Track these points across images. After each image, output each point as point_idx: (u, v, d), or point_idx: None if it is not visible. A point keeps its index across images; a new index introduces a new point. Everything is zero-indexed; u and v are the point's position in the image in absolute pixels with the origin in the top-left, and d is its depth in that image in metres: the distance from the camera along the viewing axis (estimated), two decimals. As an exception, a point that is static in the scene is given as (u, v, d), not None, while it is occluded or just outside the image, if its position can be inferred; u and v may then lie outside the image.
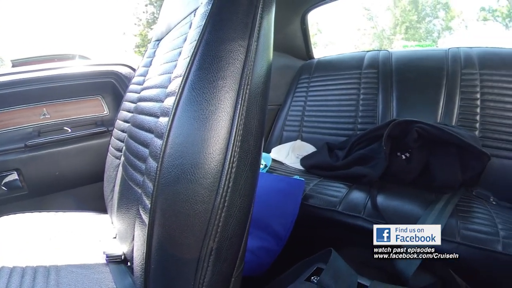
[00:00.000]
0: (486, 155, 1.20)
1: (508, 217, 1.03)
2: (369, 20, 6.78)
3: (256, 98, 0.55)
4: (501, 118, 1.37)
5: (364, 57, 1.82)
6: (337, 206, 1.10)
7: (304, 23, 2.04)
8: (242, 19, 0.54)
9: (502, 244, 0.88)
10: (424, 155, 1.27)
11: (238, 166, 0.52)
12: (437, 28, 6.53)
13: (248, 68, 0.54)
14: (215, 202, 0.51)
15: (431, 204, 1.06)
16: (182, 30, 0.74)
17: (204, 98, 0.52)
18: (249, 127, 0.53)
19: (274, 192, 1.09)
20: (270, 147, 1.79)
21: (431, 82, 1.56)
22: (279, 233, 1.00)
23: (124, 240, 0.78)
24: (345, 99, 1.74)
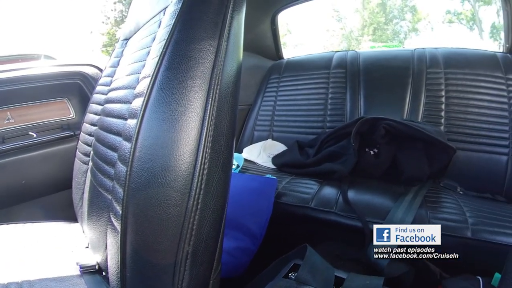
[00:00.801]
0: (451, 148, 1.25)
1: (475, 205, 1.08)
2: (338, 21, 6.94)
3: (227, 98, 0.54)
4: (465, 114, 1.44)
5: (332, 57, 1.85)
6: (309, 202, 1.11)
7: (274, 24, 2.05)
8: (212, 19, 0.53)
9: (471, 230, 0.92)
10: (392, 150, 1.31)
11: (210, 167, 0.51)
12: (404, 30, 6.77)
13: (218, 68, 0.52)
14: (188, 205, 0.49)
15: (401, 196, 1.09)
16: (151, 29, 0.71)
17: (173, 99, 0.50)
18: (220, 128, 0.52)
19: (247, 192, 1.08)
20: (242, 147, 1.79)
21: (398, 81, 1.61)
22: (255, 232, 1.00)
23: (97, 249, 0.75)
24: (314, 98, 1.76)
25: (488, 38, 5.09)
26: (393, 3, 6.73)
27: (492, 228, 0.93)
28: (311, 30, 6.50)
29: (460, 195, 1.23)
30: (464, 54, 1.59)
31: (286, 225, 1.16)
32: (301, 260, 0.77)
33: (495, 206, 1.13)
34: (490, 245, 0.89)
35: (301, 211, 1.10)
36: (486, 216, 0.99)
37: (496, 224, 0.94)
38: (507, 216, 0.99)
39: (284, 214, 1.11)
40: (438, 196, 1.15)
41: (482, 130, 1.41)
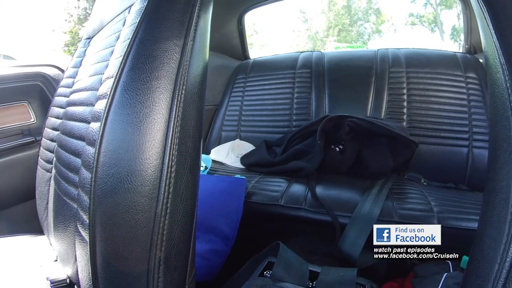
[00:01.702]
0: (414, 142, 1.31)
1: (439, 195, 1.12)
2: (304, 22, 7.02)
3: (193, 99, 0.52)
4: (427, 110, 1.51)
5: (298, 57, 1.87)
6: (279, 200, 1.11)
7: (241, 24, 2.05)
8: (178, 18, 0.51)
9: (437, 218, 0.96)
10: (356, 146, 1.34)
11: (177, 170, 0.49)
12: (368, 31, 6.96)
13: (183, 68, 0.51)
14: (157, 210, 0.47)
15: (367, 190, 1.12)
16: (115, 27, 0.68)
17: (138, 100, 0.47)
18: (186, 129, 0.50)
19: (217, 193, 1.06)
20: (209, 148, 1.76)
21: (361, 80, 1.65)
22: (227, 234, 0.98)
23: (67, 261, 0.71)
24: (280, 98, 1.77)
25: (448, 40, 5.36)
26: (358, 5, 6.93)
27: (457, 215, 0.97)
28: (278, 31, 6.59)
29: (424, 186, 1.28)
30: (425, 54, 1.67)
31: (258, 224, 1.16)
32: (274, 257, 0.77)
33: (458, 194, 1.19)
34: (456, 231, 0.93)
35: (272, 209, 1.10)
36: (450, 204, 1.04)
37: (460, 211, 0.98)
38: (470, 203, 1.04)
39: (255, 213, 1.10)
40: (403, 188, 1.19)
41: (443, 125, 1.47)
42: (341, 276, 0.73)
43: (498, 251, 0.42)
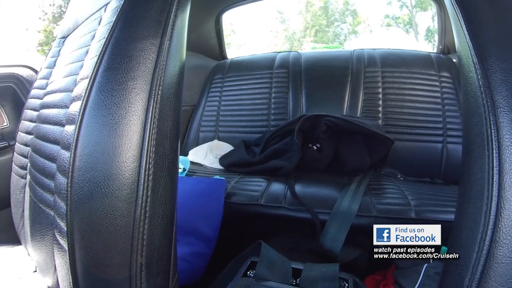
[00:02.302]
0: (389, 139, 1.34)
1: (416, 189, 1.16)
2: (281, 23, 7.06)
3: (169, 99, 0.51)
4: (402, 108, 1.55)
5: (275, 57, 1.87)
6: (259, 199, 1.11)
7: (218, 23, 2.03)
8: (155, 17, 0.50)
9: (415, 211, 0.99)
10: (334, 144, 1.36)
11: (155, 172, 0.48)
12: (344, 32, 7.07)
13: (160, 68, 0.50)
14: (136, 214, 0.46)
15: (345, 186, 1.14)
16: (91, 26, 0.66)
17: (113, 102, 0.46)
18: (163, 130, 0.50)
19: (196, 195, 1.05)
20: (187, 149, 1.73)
21: (337, 80, 1.68)
22: (208, 235, 0.97)
23: (46, 272, 0.67)
24: (258, 98, 1.77)
25: (423, 41, 5.54)
26: (335, 7, 7.03)
27: (434, 207, 1.00)
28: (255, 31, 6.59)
29: (401, 181, 1.31)
30: (400, 54, 1.72)
31: (239, 224, 1.15)
32: (257, 257, 0.76)
33: (434, 188, 1.23)
34: (433, 223, 0.94)
35: (252, 209, 1.09)
36: (427, 197, 1.07)
37: (437, 204, 1.02)
38: (446, 196, 1.08)
39: (235, 214, 1.09)
40: (380, 183, 1.22)
41: (417, 122, 1.52)
42: (324, 272, 0.73)
43: (475, 240, 0.44)
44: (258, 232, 1.15)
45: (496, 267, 0.41)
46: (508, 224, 0.41)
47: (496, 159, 0.43)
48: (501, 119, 0.44)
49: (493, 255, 0.42)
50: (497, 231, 0.42)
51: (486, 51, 0.47)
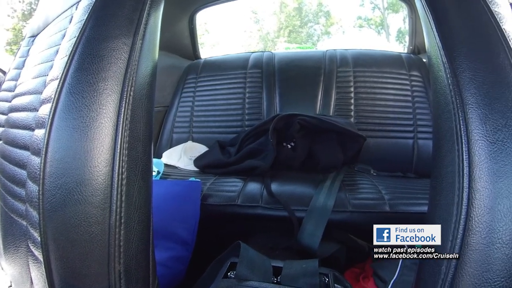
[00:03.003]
0: (362, 137, 1.38)
1: (389, 184, 1.19)
2: (255, 23, 7.05)
3: (142, 101, 0.49)
4: (373, 106, 1.60)
5: (249, 57, 1.87)
6: (236, 200, 1.10)
7: (192, 23, 2.01)
8: (128, 15, 0.48)
9: (389, 205, 1.02)
10: (308, 143, 1.37)
11: (128, 176, 0.46)
12: (317, 33, 7.16)
13: (132, 68, 0.48)
14: (111, 220, 0.44)
15: (320, 183, 1.15)
16: (61, 25, 0.63)
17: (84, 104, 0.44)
18: (136, 133, 0.48)
19: (172, 198, 1.02)
20: (161, 151, 1.69)
21: (310, 80, 1.70)
22: (185, 239, 0.95)
23: (22, 286, 0.63)
24: (232, 98, 1.76)
25: (394, 41, 5.70)
26: (309, 8, 7.12)
27: (407, 200, 1.04)
28: (229, 31, 6.54)
29: (374, 176, 1.35)
30: (371, 54, 1.77)
31: (216, 225, 1.14)
32: (236, 257, 0.76)
33: (407, 182, 1.28)
34: (407, 215, 1.00)
35: (229, 209, 1.09)
36: (400, 191, 1.11)
37: (410, 197, 1.06)
38: (418, 189, 1.13)
39: (212, 215, 1.08)
40: (354, 179, 1.25)
41: (389, 119, 1.57)
42: (304, 268, 0.74)
43: (448, 230, 0.45)
44: (236, 232, 1.14)
45: (470, 254, 0.43)
46: (480, 213, 0.43)
47: (465, 152, 0.45)
48: (470, 115, 0.46)
49: (467, 243, 0.43)
50: (469, 220, 0.43)
51: (455, 52, 0.49)
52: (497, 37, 0.48)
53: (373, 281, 0.94)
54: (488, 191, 0.43)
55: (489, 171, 0.43)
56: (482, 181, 0.43)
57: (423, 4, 0.54)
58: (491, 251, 0.42)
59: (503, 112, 0.44)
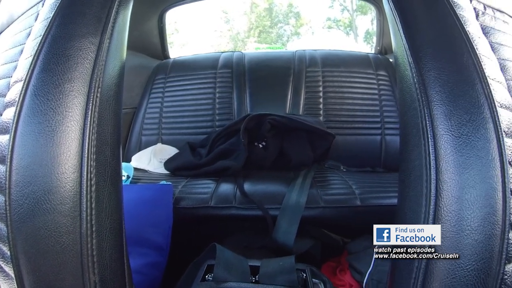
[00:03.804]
0: (331, 134, 1.41)
1: (359, 179, 1.22)
2: (226, 23, 6.96)
3: (109, 102, 0.48)
4: (341, 105, 1.63)
5: (219, 57, 1.85)
6: (209, 202, 1.08)
7: (162, 22, 1.95)
8: (96, 13, 0.46)
9: (360, 199, 1.06)
10: (278, 142, 1.39)
11: (97, 182, 0.45)
12: (287, 33, 7.20)
13: (99, 69, 0.46)
14: (82, 229, 0.42)
15: (292, 181, 1.16)
16: (27, 22, 0.59)
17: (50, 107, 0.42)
18: (104, 136, 0.46)
19: (143, 203, 0.99)
20: (130, 155, 1.63)
21: (280, 80, 1.71)
22: (160, 244, 0.92)
23: None
24: (202, 98, 1.73)
25: (362, 42, 5.85)
26: (279, 8, 7.14)
27: (377, 194, 1.08)
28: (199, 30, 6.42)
29: (344, 172, 1.38)
30: (340, 55, 1.81)
31: (190, 228, 1.12)
32: (213, 259, 0.75)
33: (376, 176, 1.33)
34: (378, 208, 1.04)
35: (203, 211, 1.07)
36: (370, 185, 1.14)
37: (380, 190, 1.09)
38: (387, 183, 1.17)
39: (186, 219, 1.06)
40: (325, 176, 1.27)
41: (357, 117, 1.61)
42: (281, 266, 0.75)
43: (419, 220, 0.47)
44: (211, 234, 1.13)
45: (442, 241, 0.45)
46: (447, 203, 0.45)
47: (432, 147, 0.47)
48: (435, 112, 0.48)
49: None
50: (438, 210, 0.45)
51: (421, 52, 0.51)
52: (462, 39, 0.50)
53: (350, 274, 0.96)
54: (455, 182, 0.45)
55: (455, 163, 0.45)
56: (448, 173, 0.45)
57: (391, 7, 0.56)
58: (461, 237, 0.44)
59: (467, 108, 0.46)
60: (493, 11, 0.60)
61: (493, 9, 0.60)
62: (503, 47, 0.55)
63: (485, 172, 0.44)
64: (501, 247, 0.43)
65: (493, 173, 0.44)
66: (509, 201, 0.44)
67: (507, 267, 0.44)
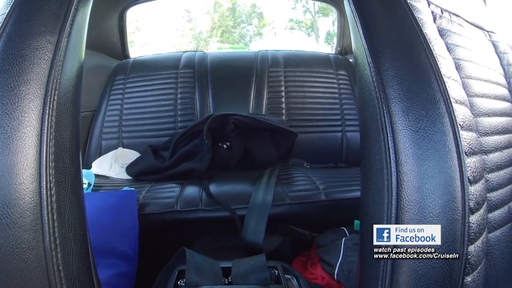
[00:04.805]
0: (293, 133, 1.44)
1: (322, 174, 1.26)
2: (188, 22, 6.77)
3: (66, 105, 0.45)
4: (303, 104, 1.66)
5: (181, 57, 1.80)
6: (175, 206, 1.06)
7: (122, 20, 1.87)
8: (54, 10, 0.43)
9: (324, 194, 1.09)
10: (242, 142, 1.39)
11: (58, 192, 0.42)
12: (250, 33, 7.16)
13: (56, 69, 0.43)
14: (45, 243, 0.39)
15: (257, 180, 1.16)
16: None
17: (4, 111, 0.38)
18: (62, 142, 0.44)
19: (107, 211, 0.94)
20: (90, 161, 1.53)
21: (243, 80, 1.71)
22: (127, 253, 0.88)
23: None
24: (163, 99, 1.68)
25: (323, 43, 5.95)
26: (242, 8, 7.09)
27: (340, 188, 1.11)
28: (161, 29, 6.17)
29: (307, 168, 1.41)
30: (301, 55, 1.85)
31: (158, 234, 1.09)
32: (184, 264, 0.73)
33: (339, 171, 1.38)
34: (342, 202, 1.07)
35: (169, 216, 1.04)
36: (333, 180, 1.18)
37: (343, 185, 1.13)
38: (350, 177, 1.21)
39: (152, 225, 1.03)
40: (289, 173, 1.29)
41: (318, 115, 1.65)
42: (253, 265, 0.75)
43: (383, 211, 0.49)
44: (179, 239, 1.09)
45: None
46: (409, 193, 0.47)
47: (391, 141, 0.49)
48: (393, 108, 0.49)
49: (401, 220, 0.47)
50: (400, 200, 0.47)
51: (380, 52, 0.53)
52: (419, 40, 0.53)
53: (321, 266, 0.98)
54: (414, 173, 0.47)
55: (414, 155, 0.47)
56: (408, 165, 0.47)
57: (352, 9, 0.58)
58: (425, 224, 0.46)
59: (424, 105, 0.49)
60: (449, 15, 0.64)
61: (450, 13, 0.65)
62: (458, 48, 0.59)
63: (443, 163, 0.46)
64: (463, 230, 0.46)
65: (450, 163, 0.46)
66: (467, 188, 0.46)
67: (469, 248, 0.47)
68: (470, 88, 0.57)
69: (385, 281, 0.48)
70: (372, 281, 0.49)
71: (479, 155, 0.51)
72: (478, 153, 0.51)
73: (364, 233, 0.54)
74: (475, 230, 0.47)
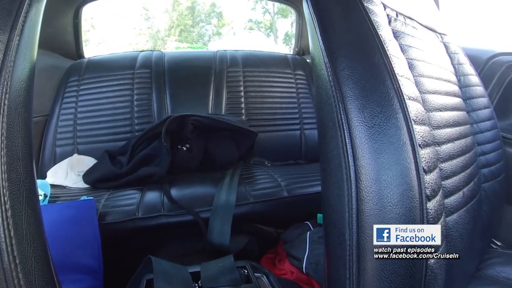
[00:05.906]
0: (253, 132, 1.44)
1: (283, 171, 1.28)
2: (146, 20, 6.46)
3: (18, 110, 0.41)
4: (262, 104, 1.67)
5: (137, 57, 1.72)
6: (136, 213, 1.01)
7: (77, 17, 1.74)
8: (5, 5, 0.39)
9: (286, 190, 1.11)
10: (202, 143, 1.36)
11: (13, 206, 0.38)
12: (209, 33, 7.01)
13: (6, 71, 0.39)
14: (4, 263, 0.36)
15: (220, 181, 1.15)
16: None
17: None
18: (14, 150, 0.40)
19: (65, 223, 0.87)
20: (44, 170, 1.40)
21: (201, 80, 1.68)
22: (92, 266, 0.82)
23: None
24: (119, 101, 1.59)
25: (281, 44, 6.01)
26: (202, 8, 6.93)
27: (302, 184, 1.14)
28: (117, 27, 5.80)
29: (268, 167, 1.43)
30: (260, 55, 1.86)
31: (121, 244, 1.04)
32: (151, 273, 0.71)
33: (299, 168, 1.41)
34: (304, 197, 1.10)
35: (131, 224, 1.00)
36: (294, 176, 1.20)
37: (304, 180, 1.16)
38: (310, 173, 1.24)
39: (114, 234, 0.97)
40: (251, 172, 1.30)
41: (277, 115, 1.67)
42: (221, 267, 0.75)
43: (344, 203, 0.50)
44: (144, 247, 1.06)
45: (366, 219, 0.48)
46: (368, 185, 0.49)
47: (347, 137, 0.50)
48: (349, 106, 0.51)
49: (362, 210, 0.49)
50: (360, 192, 0.49)
51: (336, 53, 0.54)
52: (374, 41, 0.55)
53: (289, 262, 0.99)
54: (372, 166, 0.49)
55: (370, 149, 0.49)
56: (365, 158, 0.49)
57: (310, 11, 0.59)
58: (385, 213, 0.48)
59: (378, 102, 0.51)
60: (404, 18, 0.68)
61: (404, 16, 0.68)
62: (411, 49, 0.63)
63: (398, 155, 0.49)
64: (421, 216, 0.48)
65: (405, 155, 0.49)
66: (423, 177, 0.49)
67: None
68: (422, 85, 0.60)
69: (353, 269, 0.49)
70: (340, 271, 0.51)
71: (432, 146, 0.54)
72: (432, 144, 0.54)
73: (328, 225, 0.55)
74: (433, 215, 0.50)
